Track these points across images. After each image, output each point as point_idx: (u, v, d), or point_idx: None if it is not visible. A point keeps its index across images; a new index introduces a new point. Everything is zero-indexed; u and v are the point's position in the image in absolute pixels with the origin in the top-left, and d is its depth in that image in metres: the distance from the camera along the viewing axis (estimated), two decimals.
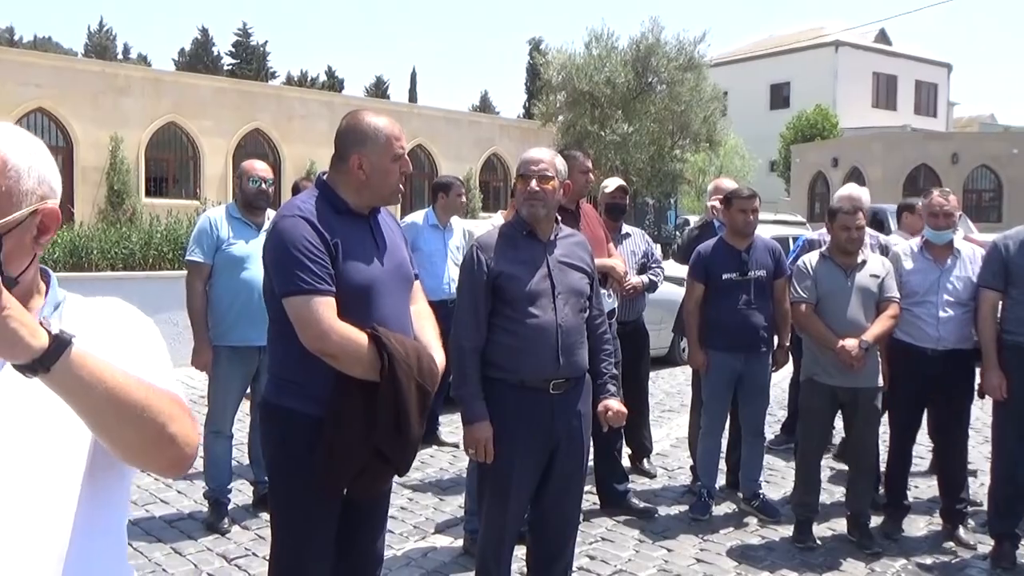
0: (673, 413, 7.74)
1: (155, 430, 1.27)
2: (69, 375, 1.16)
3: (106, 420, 1.23)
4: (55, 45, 56.01)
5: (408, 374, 2.58)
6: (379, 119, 2.76)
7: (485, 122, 31.69)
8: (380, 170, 2.71)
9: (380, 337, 2.58)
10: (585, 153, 5.21)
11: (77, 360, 1.17)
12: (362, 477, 2.67)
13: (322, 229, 2.62)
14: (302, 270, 2.56)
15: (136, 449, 1.29)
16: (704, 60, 24.19)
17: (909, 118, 41.82)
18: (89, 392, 1.19)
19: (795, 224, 17.31)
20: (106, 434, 1.26)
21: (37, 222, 1.35)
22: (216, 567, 4.22)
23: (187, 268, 4.75)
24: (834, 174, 31.65)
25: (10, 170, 1.31)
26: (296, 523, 2.76)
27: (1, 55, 22.16)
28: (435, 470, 5.85)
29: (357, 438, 2.59)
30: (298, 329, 2.58)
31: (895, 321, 4.57)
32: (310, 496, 2.70)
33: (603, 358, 3.46)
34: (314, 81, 53.96)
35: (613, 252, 5.05)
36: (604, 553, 4.51)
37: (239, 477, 5.22)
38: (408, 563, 4.33)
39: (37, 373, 1.15)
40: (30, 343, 1.12)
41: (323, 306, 2.56)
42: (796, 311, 4.67)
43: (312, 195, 2.74)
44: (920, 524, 5.01)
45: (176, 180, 23.99)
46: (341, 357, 2.57)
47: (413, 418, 2.61)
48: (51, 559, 1.29)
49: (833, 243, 4.66)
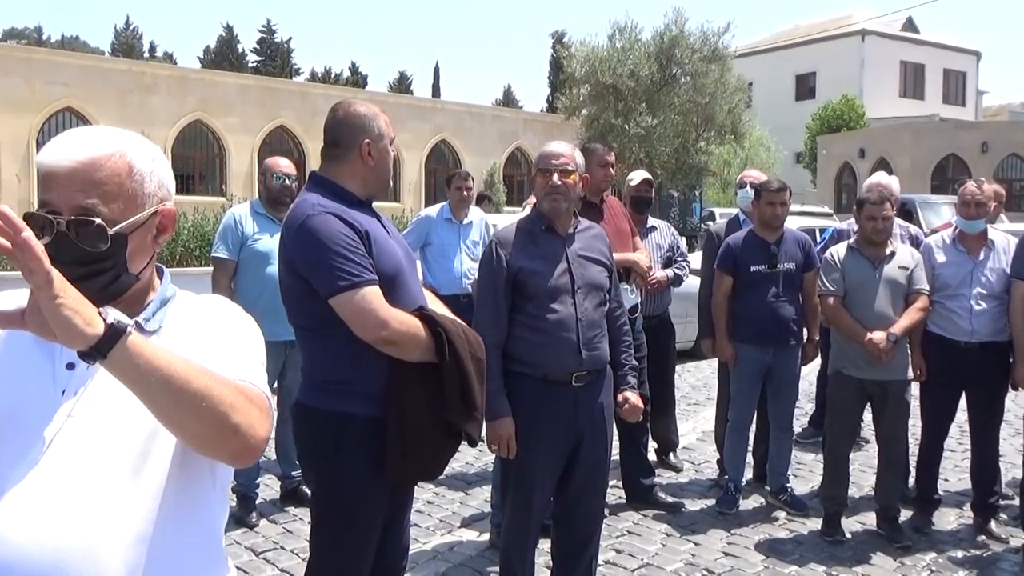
0: (699, 407, 7.71)
1: (216, 419, 1.30)
2: (126, 362, 1.21)
3: (165, 407, 1.27)
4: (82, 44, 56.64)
5: (464, 346, 2.58)
6: (368, 106, 2.79)
7: (508, 116, 31.71)
8: (384, 153, 2.74)
9: (432, 316, 2.58)
10: (607, 146, 5.18)
11: (134, 348, 1.21)
12: (433, 458, 2.67)
13: (351, 220, 2.59)
14: (346, 263, 2.51)
15: (200, 437, 1.33)
16: (728, 51, 24.03)
17: (937, 107, 41.32)
18: (147, 379, 1.23)
19: (822, 216, 17.19)
20: (167, 421, 1.30)
21: (157, 222, 1.49)
22: (244, 560, 4.26)
23: (213, 264, 4.81)
24: (861, 165, 31.37)
25: (135, 174, 1.43)
26: (354, 529, 2.69)
27: (30, 55, 22.45)
28: (461, 464, 5.86)
29: (426, 422, 2.56)
30: (354, 323, 2.52)
31: (924, 314, 4.52)
32: (368, 498, 2.66)
33: (622, 349, 3.46)
34: (338, 77, 54.13)
35: (639, 246, 5.03)
36: (631, 547, 4.50)
37: (266, 472, 5.26)
38: (435, 557, 4.34)
39: (96, 359, 1.20)
40: (84, 330, 1.17)
41: (376, 296, 2.52)
42: (824, 304, 4.63)
43: (316, 192, 2.69)
44: (951, 517, 4.95)
45: (202, 177, 24.21)
46: (402, 342, 2.52)
47: (475, 386, 2.61)
48: (132, 539, 1.34)
49: (861, 234, 4.61)
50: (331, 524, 2.73)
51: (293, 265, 2.63)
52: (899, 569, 4.28)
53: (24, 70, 20.39)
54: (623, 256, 4.75)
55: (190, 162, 23.83)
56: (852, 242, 4.66)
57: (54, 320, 1.16)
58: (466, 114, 29.08)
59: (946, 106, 42.90)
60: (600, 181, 4.87)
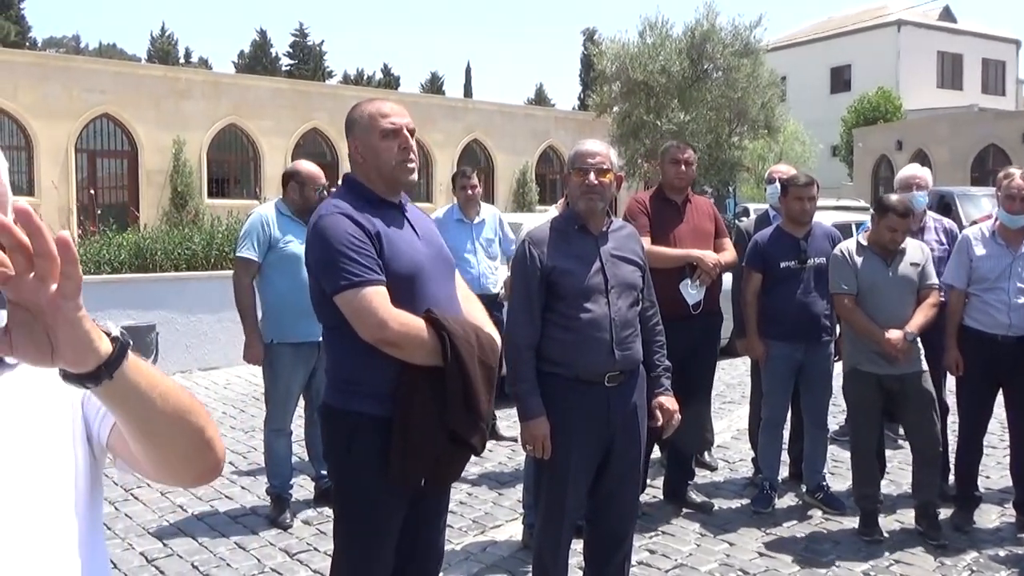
0: (734, 404, 7.64)
1: (199, 434, 1.22)
2: (130, 381, 1.07)
3: (161, 426, 1.15)
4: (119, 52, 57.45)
5: (470, 351, 2.57)
6: (369, 104, 2.79)
7: (540, 115, 31.63)
8: (371, 149, 2.71)
9: (438, 319, 2.58)
10: (682, 143, 5.10)
11: (134, 364, 1.08)
12: (440, 464, 2.66)
13: (361, 220, 2.62)
14: (349, 263, 2.55)
15: (184, 455, 1.23)
16: (761, 45, 23.75)
17: (976, 97, 40.57)
18: (147, 397, 1.11)
19: (858, 209, 16.95)
20: (158, 440, 1.18)
21: None
22: (279, 562, 4.28)
23: (236, 264, 4.80)
24: (898, 157, 30.88)
25: None
26: (366, 528, 2.74)
27: (68, 63, 22.81)
28: (493, 464, 5.86)
29: (431, 425, 2.58)
30: (355, 323, 2.56)
31: (936, 309, 4.46)
32: (381, 498, 2.68)
33: (656, 350, 3.43)
34: (370, 79, 54.42)
35: (726, 247, 4.96)
36: (665, 547, 4.46)
37: (299, 472, 5.29)
38: (467, 557, 4.33)
39: (100, 382, 1.04)
40: (99, 347, 1.02)
41: (377, 295, 2.54)
42: (839, 303, 4.57)
43: (342, 193, 2.77)
44: (992, 516, 4.86)
45: (237, 181, 24.41)
46: (403, 344, 2.54)
47: (481, 394, 2.59)
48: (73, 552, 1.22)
49: (875, 236, 4.51)
50: (346, 522, 2.79)
51: (310, 265, 2.72)
52: (939, 569, 4.20)
53: (63, 77, 20.70)
54: (686, 252, 4.71)
55: (225, 166, 24.02)
56: (862, 239, 4.58)
57: (73, 336, 0.99)
58: (497, 113, 29.05)
59: (985, 96, 42.11)
60: (673, 179, 4.83)
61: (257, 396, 7.52)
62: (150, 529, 4.69)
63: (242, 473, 5.66)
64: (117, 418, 1.15)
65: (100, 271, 8.85)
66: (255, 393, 7.70)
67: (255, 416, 6.95)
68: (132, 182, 21.98)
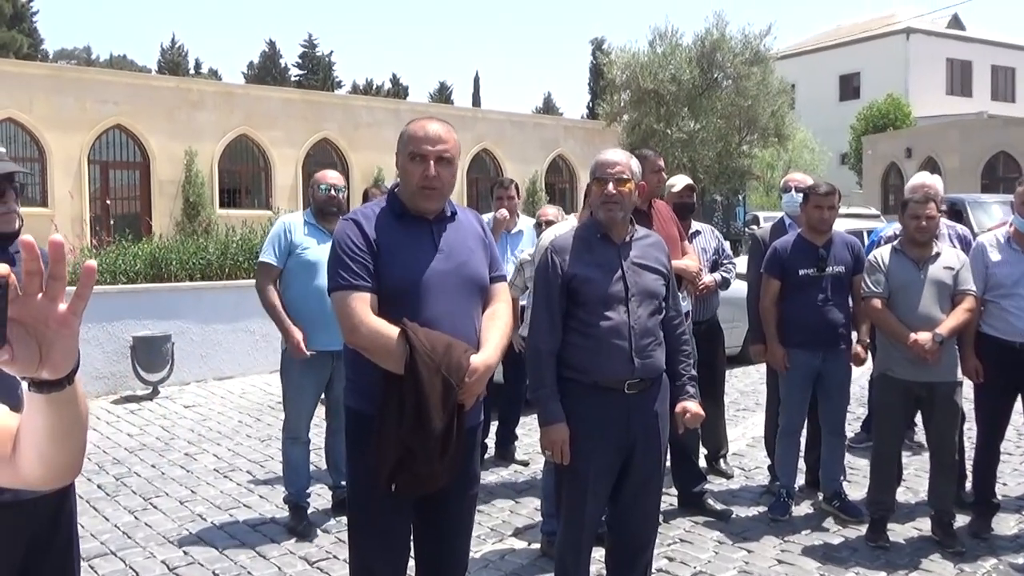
0: (748, 412, 7.64)
1: (84, 437, 1.26)
2: (76, 386, 1.16)
3: (77, 431, 1.21)
4: (130, 63, 57.63)
5: (430, 367, 2.61)
6: (415, 122, 2.90)
7: (549, 124, 31.60)
8: (402, 168, 2.86)
9: (406, 330, 2.65)
10: (656, 152, 5.17)
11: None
12: (401, 472, 2.69)
13: (367, 229, 2.76)
14: (342, 267, 2.73)
15: (76, 460, 1.26)
16: (770, 53, 23.78)
17: (986, 104, 40.46)
18: (81, 400, 1.18)
19: (869, 217, 16.92)
20: (72, 443, 1.22)
21: None
22: (299, 570, 4.30)
23: (257, 269, 4.89)
24: (908, 165, 30.79)
25: None
26: (362, 521, 2.89)
27: (81, 75, 22.92)
28: (510, 472, 5.87)
29: (392, 431, 2.66)
30: (339, 323, 2.75)
31: (971, 315, 4.44)
32: (374, 493, 2.78)
33: (681, 359, 3.43)
34: (379, 89, 54.52)
35: (688, 250, 5.01)
36: (683, 555, 4.47)
37: (317, 482, 5.31)
38: (486, 566, 4.35)
39: (64, 387, 1.12)
40: (76, 355, 1.11)
41: (357, 301, 2.70)
42: (868, 305, 4.58)
43: (384, 200, 2.93)
44: (1010, 522, 4.85)
45: (248, 191, 24.47)
46: (372, 350, 2.69)
47: (434, 411, 2.61)
48: None
49: (904, 235, 4.55)
50: (350, 516, 2.99)
51: None
52: (958, 575, 4.21)
53: (75, 89, 20.80)
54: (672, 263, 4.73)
55: (236, 176, 24.09)
56: (896, 244, 4.60)
57: (69, 347, 1.09)
58: (507, 122, 29.06)
59: (995, 103, 41.99)
60: (654, 188, 4.88)
61: (272, 405, 7.56)
62: (171, 538, 4.71)
63: (259, 482, 5.69)
64: (51, 422, 1.18)
65: (116, 281, 8.89)
66: (271, 402, 7.73)
67: (271, 425, 6.98)
68: (144, 193, 22.06)
